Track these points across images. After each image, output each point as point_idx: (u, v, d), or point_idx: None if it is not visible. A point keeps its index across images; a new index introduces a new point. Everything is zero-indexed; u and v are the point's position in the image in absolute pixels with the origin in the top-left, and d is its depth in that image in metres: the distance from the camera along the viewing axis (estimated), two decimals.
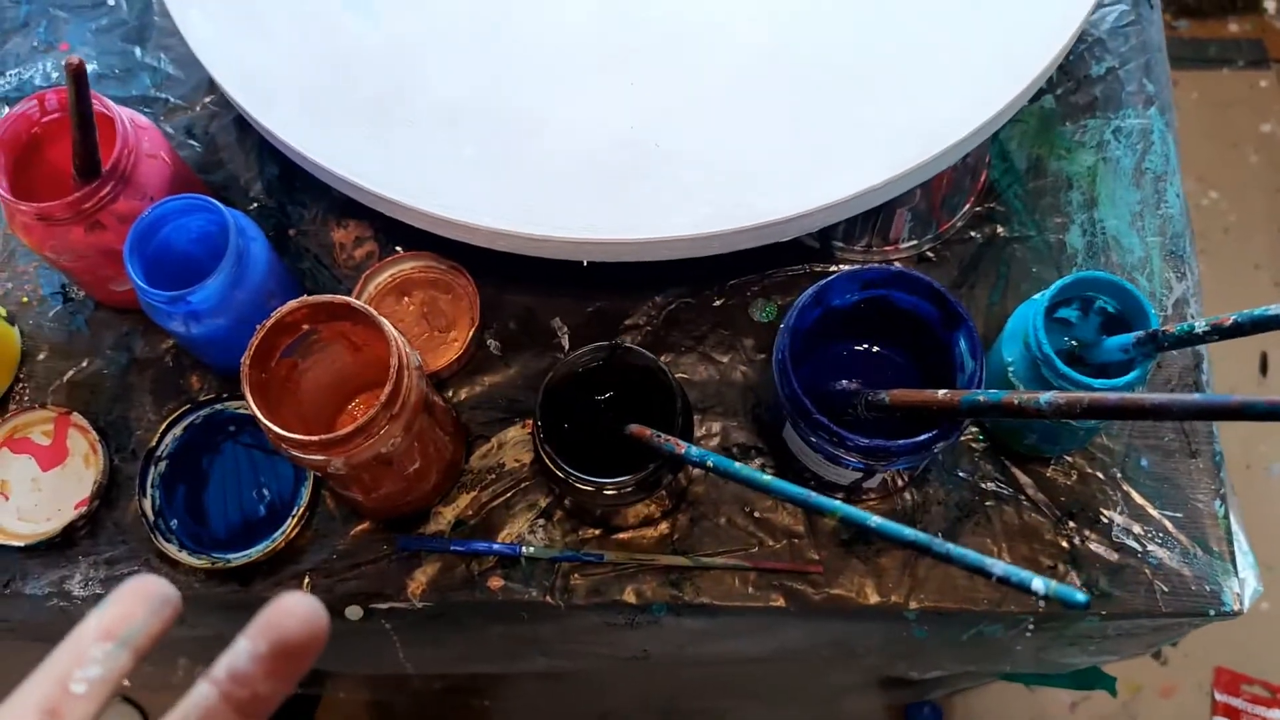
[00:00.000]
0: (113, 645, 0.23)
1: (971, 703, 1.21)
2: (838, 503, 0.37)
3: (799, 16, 0.55)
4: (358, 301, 0.46)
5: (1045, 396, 0.40)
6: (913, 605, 0.53)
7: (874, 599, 0.53)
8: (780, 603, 0.53)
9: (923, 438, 0.46)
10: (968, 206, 0.61)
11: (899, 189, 0.53)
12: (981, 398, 0.43)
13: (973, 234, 0.61)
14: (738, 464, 0.42)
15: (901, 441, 0.46)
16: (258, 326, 0.45)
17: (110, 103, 0.53)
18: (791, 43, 0.55)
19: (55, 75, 0.66)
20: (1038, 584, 0.29)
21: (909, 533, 0.34)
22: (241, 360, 0.45)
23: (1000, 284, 0.60)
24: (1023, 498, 0.55)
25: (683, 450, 0.46)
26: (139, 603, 0.24)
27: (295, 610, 0.23)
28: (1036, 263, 0.60)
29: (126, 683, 0.25)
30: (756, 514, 0.55)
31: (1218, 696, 1.21)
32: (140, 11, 0.68)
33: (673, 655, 0.58)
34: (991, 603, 0.53)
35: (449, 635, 0.57)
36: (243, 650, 0.23)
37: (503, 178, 0.53)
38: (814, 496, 0.38)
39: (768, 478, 0.40)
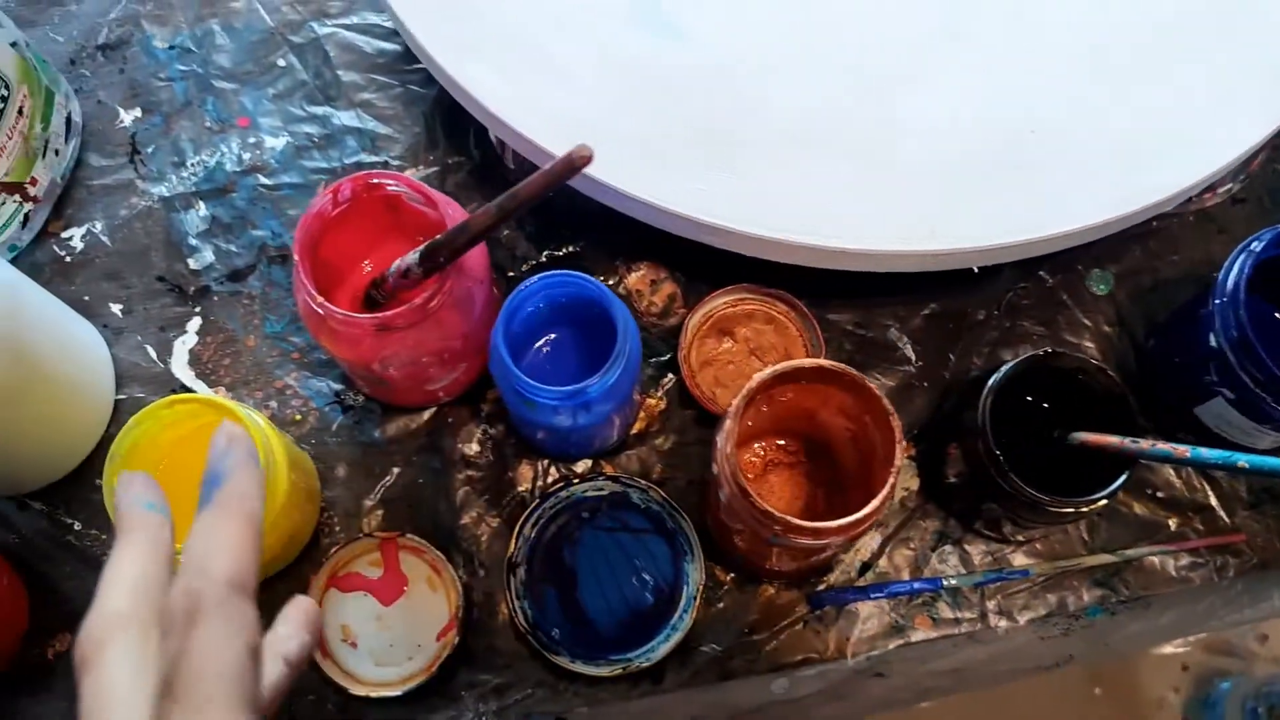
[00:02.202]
0: None
1: None
2: None
3: None
4: (837, 365, 0.41)
5: None
6: None
7: None
8: (1213, 577, 0.52)
9: None
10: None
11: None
12: None
13: (1278, 166, 0.59)
14: None
15: None
16: (734, 417, 0.40)
17: (420, 183, 0.46)
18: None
19: (247, 157, 0.58)
20: None
21: None
22: (723, 450, 0.40)
23: None
24: None
25: (1186, 454, 0.43)
26: None
27: None
28: None
29: None
30: (1160, 494, 0.53)
31: None
32: (318, 69, 0.60)
33: (1097, 651, 0.56)
34: None
35: (869, 687, 0.53)
36: None
37: (881, 193, 0.48)
38: None
39: None
